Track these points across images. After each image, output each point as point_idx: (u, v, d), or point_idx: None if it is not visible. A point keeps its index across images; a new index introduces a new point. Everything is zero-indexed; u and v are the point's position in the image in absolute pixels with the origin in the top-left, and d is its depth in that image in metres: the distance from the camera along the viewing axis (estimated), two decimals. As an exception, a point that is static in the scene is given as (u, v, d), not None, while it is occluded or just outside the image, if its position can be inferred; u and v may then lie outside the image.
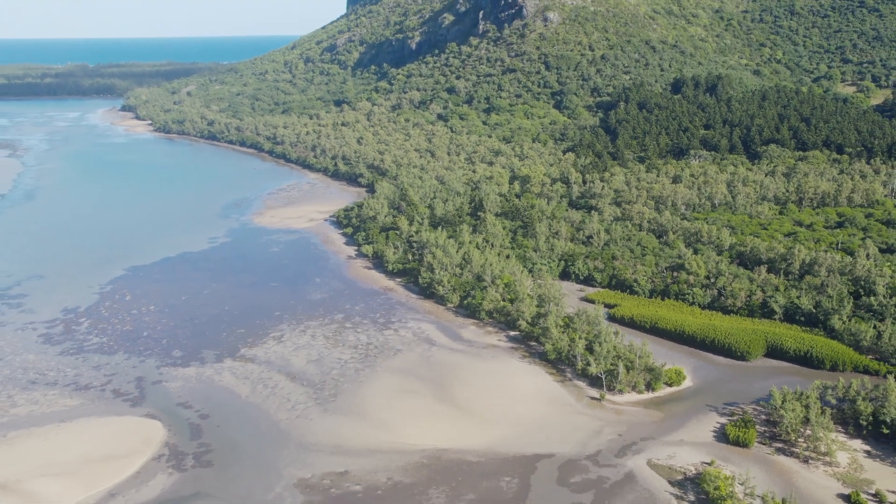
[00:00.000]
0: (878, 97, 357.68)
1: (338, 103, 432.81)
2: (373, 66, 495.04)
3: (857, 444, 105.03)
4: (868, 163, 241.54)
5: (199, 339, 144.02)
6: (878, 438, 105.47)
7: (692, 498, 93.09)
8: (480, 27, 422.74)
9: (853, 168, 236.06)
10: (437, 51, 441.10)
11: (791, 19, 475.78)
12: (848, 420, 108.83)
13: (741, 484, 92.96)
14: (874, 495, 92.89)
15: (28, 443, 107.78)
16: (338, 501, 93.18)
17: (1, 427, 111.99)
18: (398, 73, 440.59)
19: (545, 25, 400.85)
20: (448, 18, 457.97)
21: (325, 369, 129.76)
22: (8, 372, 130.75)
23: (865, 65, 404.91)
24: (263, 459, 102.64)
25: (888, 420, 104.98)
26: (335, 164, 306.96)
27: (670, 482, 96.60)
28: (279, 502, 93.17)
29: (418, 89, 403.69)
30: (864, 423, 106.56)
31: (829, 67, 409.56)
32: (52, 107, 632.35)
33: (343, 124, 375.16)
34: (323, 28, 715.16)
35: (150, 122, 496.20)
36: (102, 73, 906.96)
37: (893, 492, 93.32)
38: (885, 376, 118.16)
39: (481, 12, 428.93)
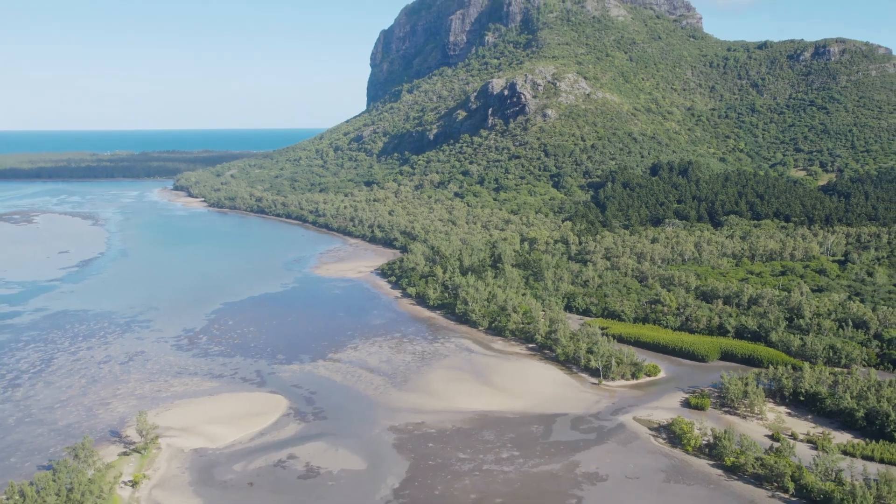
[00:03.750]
0: (823, 179, 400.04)
1: (368, 184, 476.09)
2: (396, 154, 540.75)
3: (782, 408, 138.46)
4: (809, 228, 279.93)
5: (295, 348, 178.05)
6: (797, 404, 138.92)
7: (664, 436, 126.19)
8: (489, 121, 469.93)
9: (797, 232, 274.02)
10: (452, 140, 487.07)
11: (752, 115, 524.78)
12: (775, 393, 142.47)
13: (699, 429, 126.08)
14: (790, 436, 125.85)
15: (191, 407, 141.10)
16: (419, 438, 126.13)
17: (168, 398, 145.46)
18: (419, 159, 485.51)
19: (544, 120, 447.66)
20: (461, 114, 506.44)
21: (394, 366, 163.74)
22: (158, 367, 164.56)
23: (814, 153, 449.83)
24: (363, 415, 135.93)
25: (803, 391, 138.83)
26: (372, 231, 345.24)
27: (649, 428, 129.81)
28: (380, 437, 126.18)
29: (437, 172, 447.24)
30: (787, 394, 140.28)
31: (784, 155, 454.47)
32: (111, 187, 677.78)
33: (375, 200, 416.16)
34: (347, 122, 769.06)
35: (202, 198, 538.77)
36: (149, 158, 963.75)
37: (803, 433, 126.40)
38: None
39: (490, 109, 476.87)
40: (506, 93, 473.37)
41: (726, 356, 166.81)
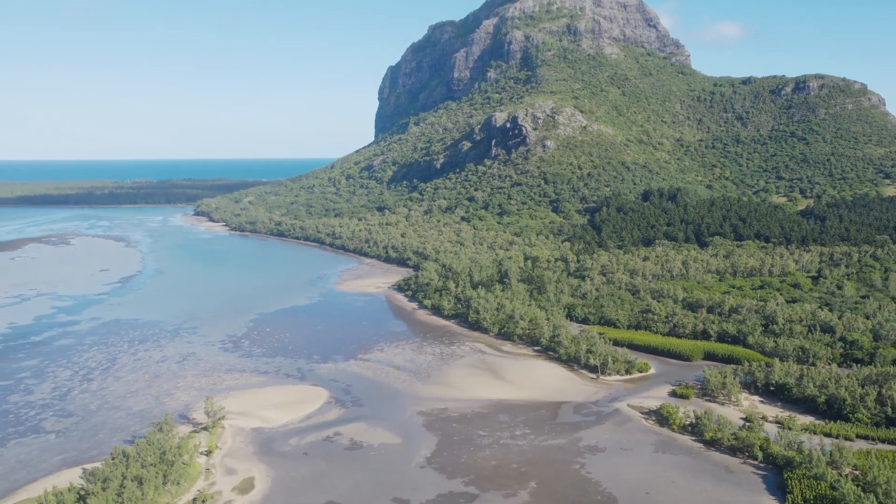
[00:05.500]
0: (803, 205, 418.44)
1: (380, 209, 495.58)
2: (405, 181, 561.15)
3: (756, 397, 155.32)
4: (787, 248, 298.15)
5: (328, 350, 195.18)
6: (768, 394, 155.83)
7: (654, 418, 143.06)
8: (493, 152, 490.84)
9: (775, 252, 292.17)
10: (458, 169, 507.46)
11: (737, 146, 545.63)
12: (750, 385, 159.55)
13: (683, 412, 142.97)
14: (762, 418, 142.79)
15: (245, 396, 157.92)
16: (444, 420, 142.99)
17: (224, 389, 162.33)
18: (427, 187, 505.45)
19: (544, 150, 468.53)
20: (466, 145, 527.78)
21: (417, 364, 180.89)
22: (210, 365, 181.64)
23: (795, 180, 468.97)
24: (394, 403, 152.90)
25: (773, 383, 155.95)
26: (386, 252, 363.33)
27: (641, 412, 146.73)
28: (410, 420, 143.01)
29: (445, 198, 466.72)
30: (760, 385, 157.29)
31: (767, 183, 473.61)
32: (135, 212, 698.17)
33: (387, 224, 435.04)
34: (357, 152, 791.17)
35: (224, 223, 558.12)
36: (169, 185, 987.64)
37: (773, 416, 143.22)
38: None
39: (493, 140, 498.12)
40: (508, 125, 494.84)
41: (709, 356, 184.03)
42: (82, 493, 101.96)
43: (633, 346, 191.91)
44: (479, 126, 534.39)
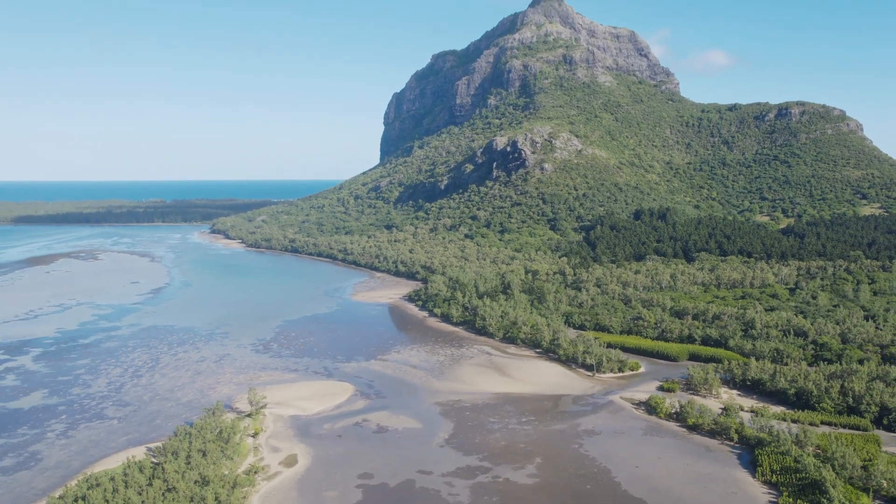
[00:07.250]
0: (784, 223, 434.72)
1: (388, 227, 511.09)
2: (410, 202, 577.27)
3: (734, 391, 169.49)
4: (767, 262, 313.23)
5: (350, 351, 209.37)
6: (745, 388, 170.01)
7: (643, 408, 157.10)
8: (494, 174, 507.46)
9: (757, 266, 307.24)
10: (461, 190, 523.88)
11: (723, 169, 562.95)
12: (729, 381, 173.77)
13: (669, 402, 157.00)
14: (739, 407, 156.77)
15: (279, 390, 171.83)
16: (459, 409, 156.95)
17: (260, 384, 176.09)
18: (432, 206, 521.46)
19: (542, 172, 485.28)
20: (469, 167, 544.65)
21: (431, 364, 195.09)
22: (245, 364, 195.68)
23: (777, 201, 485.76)
24: (413, 395, 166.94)
25: (749, 378, 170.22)
26: (396, 266, 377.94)
27: (632, 403, 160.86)
28: (429, 409, 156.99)
29: (449, 217, 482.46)
30: (738, 380, 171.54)
31: (751, 203, 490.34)
32: (154, 230, 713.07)
33: (395, 241, 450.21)
34: (364, 173, 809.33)
35: (240, 240, 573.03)
36: (184, 205, 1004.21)
37: (748, 406, 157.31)
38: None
39: (494, 163, 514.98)
40: (508, 149, 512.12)
41: (693, 357, 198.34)
42: (156, 462, 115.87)
43: (625, 349, 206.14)
44: (481, 150, 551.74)
